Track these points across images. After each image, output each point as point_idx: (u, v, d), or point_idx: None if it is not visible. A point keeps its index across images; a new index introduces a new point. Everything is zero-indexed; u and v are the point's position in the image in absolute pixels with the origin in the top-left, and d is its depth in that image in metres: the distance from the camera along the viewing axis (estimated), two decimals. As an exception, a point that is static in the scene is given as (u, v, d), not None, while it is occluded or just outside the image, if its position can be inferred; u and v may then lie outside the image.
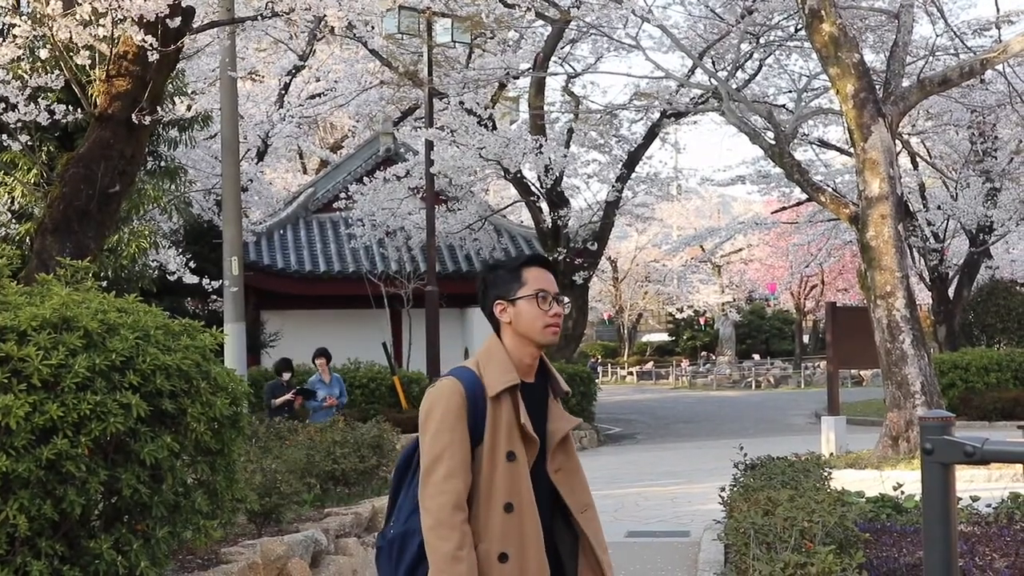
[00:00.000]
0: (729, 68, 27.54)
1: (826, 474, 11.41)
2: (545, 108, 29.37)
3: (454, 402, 3.92)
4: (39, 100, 12.94)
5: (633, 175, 30.57)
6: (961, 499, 9.05)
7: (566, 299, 4.22)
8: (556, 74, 30.26)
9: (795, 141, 22.98)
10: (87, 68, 11.79)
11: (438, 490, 3.83)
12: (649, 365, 69.74)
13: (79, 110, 12.48)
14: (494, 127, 28.29)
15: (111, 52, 11.49)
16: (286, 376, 18.15)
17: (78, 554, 6.30)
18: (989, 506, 10.12)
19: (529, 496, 3.96)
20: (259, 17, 12.26)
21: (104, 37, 11.14)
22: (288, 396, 17.45)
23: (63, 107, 12.63)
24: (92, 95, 11.69)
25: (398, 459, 4.27)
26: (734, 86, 24.99)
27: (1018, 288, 33.38)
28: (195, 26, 12.61)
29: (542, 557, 3.95)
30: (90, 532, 6.43)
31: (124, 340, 6.45)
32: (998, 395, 26.01)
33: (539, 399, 4.11)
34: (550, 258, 28.10)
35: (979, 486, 13.14)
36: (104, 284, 11.46)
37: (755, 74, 29.51)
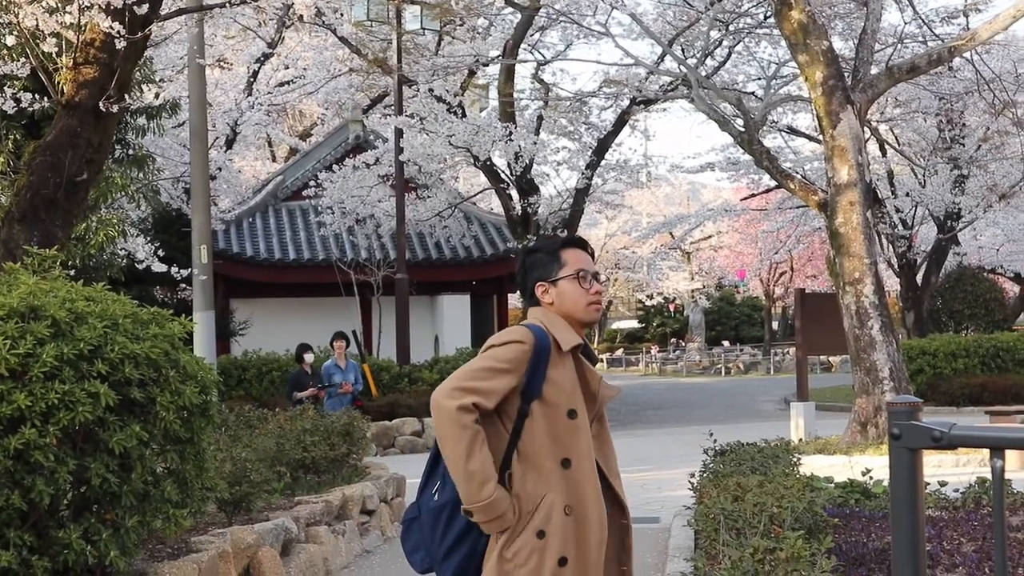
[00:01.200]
0: (698, 55, 27.52)
1: (795, 460, 11.47)
2: (515, 95, 29.33)
3: (524, 348, 3.95)
4: (5, 88, 12.86)
5: (603, 162, 30.58)
6: (929, 484, 9.12)
7: (604, 277, 4.25)
8: (526, 61, 30.22)
9: (764, 128, 23.03)
10: (54, 56, 11.70)
11: (456, 393, 3.85)
12: (619, 352, 69.90)
13: (46, 98, 12.39)
14: (464, 115, 28.25)
15: (78, 39, 11.41)
16: (309, 359, 17.68)
17: (47, 544, 6.28)
18: (957, 491, 10.19)
19: (589, 453, 4.00)
20: (228, 4, 12.17)
21: (71, 24, 11.06)
22: (312, 391, 17.07)
23: (29, 95, 12.54)
24: (59, 83, 11.61)
25: None
26: (703, 73, 25.00)
27: (985, 274, 33.57)
28: (163, 13, 12.52)
29: (602, 513, 3.99)
30: (59, 522, 6.41)
31: (92, 329, 6.43)
32: (966, 381, 26.17)
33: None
34: (520, 246, 28.17)
35: (947, 471, 13.23)
36: (72, 273, 11.43)
37: (724, 61, 29.55)
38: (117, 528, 6.57)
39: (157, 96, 13.46)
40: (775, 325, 68.15)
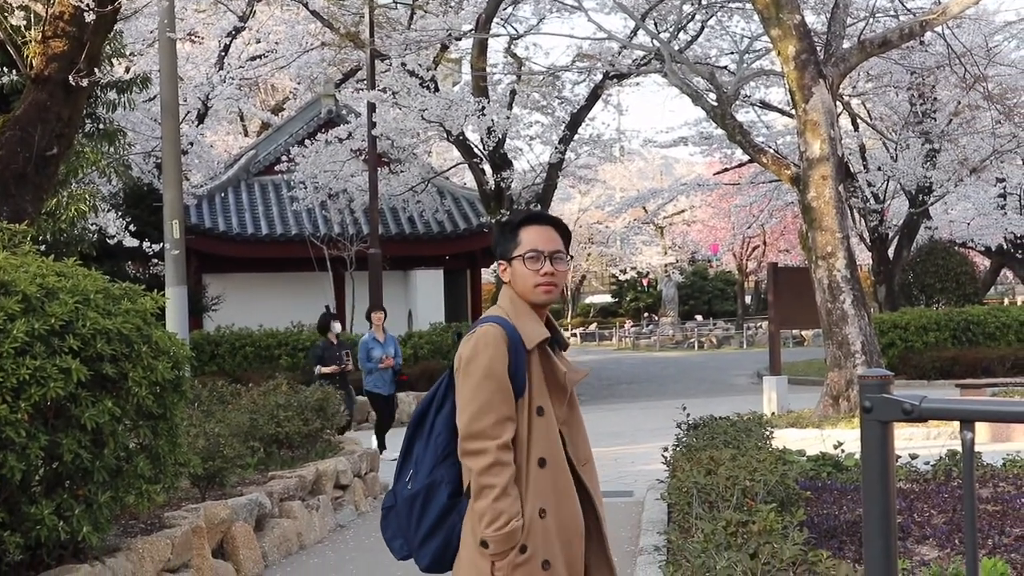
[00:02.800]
0: (671, 29, 27.51)
1: (768, 433, 11.53)
2: (487, 70, 29.24)
3: (501, 349, 3.87)
4: (-27, 62, 12.75)
5: (576, 137, 30.55)
6: (900, 457, 9.17)
7: (566, 256, 4.16)
8: (498, 35, 30.11)
9: (737, 103, 23.05)
10: (22, 29, 11.61)
11: (493, 434, 3.79)
12: (592, 326, 70.01)
13: (14, 72, 12.31)
14: (436, 89, 28.15)
15: (47, 12, 11.33)
16: (336, 329, 16.73)
17: (19, 520, 6.26)
18: (927, 464, 10.27)
19: (559, 450, 3.97)
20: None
21: (40, -3, 10.98)
22: (337, 367, 16.39)
23: (-2, 69, 12.46)
24: (28, 56, 11.53)
25: (413, 412, 4.20)
26: (676, 48, 24.98)
27: (956, 248, 33.75)
28: (133, -14, 12.45)
29: (576, 509, 3.98)
30: (31, 498, 6.39)
31: (63, 304, 6.40)
32: (937, 354, 26.34)
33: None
34: (494, 220, 28.17)
35: (918, 444, 13.30)
36: (42, 248, 11.37)
37: (697, 35, 29.51)
38: (90, 504, 6.56)
39: (128, 70, 13.39)
40: (748, 299, 68.39)
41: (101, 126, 18.90)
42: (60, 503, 6.40)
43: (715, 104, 18.40)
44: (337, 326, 16.44)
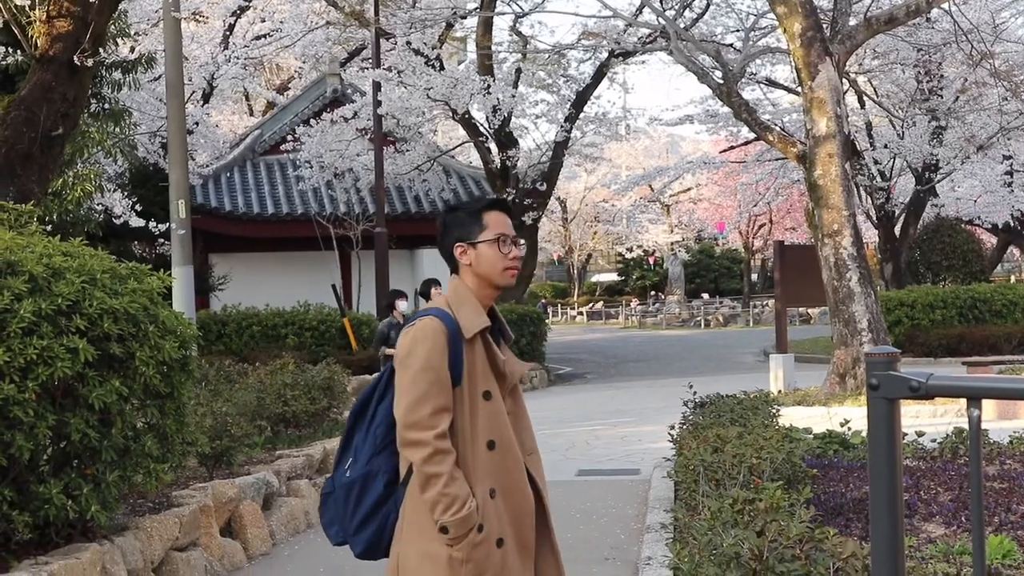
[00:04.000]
0: (677, 7, 27.45)
1: (774, 411, 11.53)
2: (493, 48, 29.20)
3: (439, 341, 3.93)
4: (-22, 42, 12.75)
5: (581, 115, 30.52)
6: (907, 435, 9.18)
7: (523, 241, 4.26)
8: (503, 13, 30.06)
9: (743, 80, 23.00)
10: (27, 9, 11.60)
11: (429, 424, 3.84)
12: (599, 305, 70.02)
13: (19, 52, 12.31)
14: (442, 68, 28.12)
15: (52, -8, 11.31)
16: (402, 307, 15.24)
17: (27, 499, 6.28)
18: (934, 441, 10.27)
19: (508, 432, 4.03)
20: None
21: (44, -23, 10.97)
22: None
23: (2, 49, 12.46)
24: (33, 37, 11.52)
25: (355, 402, 4.27)
26: (682, 25, 24.92)
27: (963, 226, 33.69)
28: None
29: (526, 489, 4.05)
30: (39, 477, 6.41)
31: (70, 284, 6.41)
32: (943, 332, 26.32)
33: (495, 342, 4.17)
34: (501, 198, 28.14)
35: (924, 422, 13.32)
36: (49, 228, 11.38)
37: (703, 13, 29.43)
38: (98, 483, 6.57)
39: (132, 50, 13.38)
40: (754, 277, 68.34)
41: (106, 106, 18.90)
42: (68, 482, 6.42)
43: (721, 82, 18.35)
44: (403, 304, 15.28)
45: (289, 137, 31.66)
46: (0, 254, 6.38)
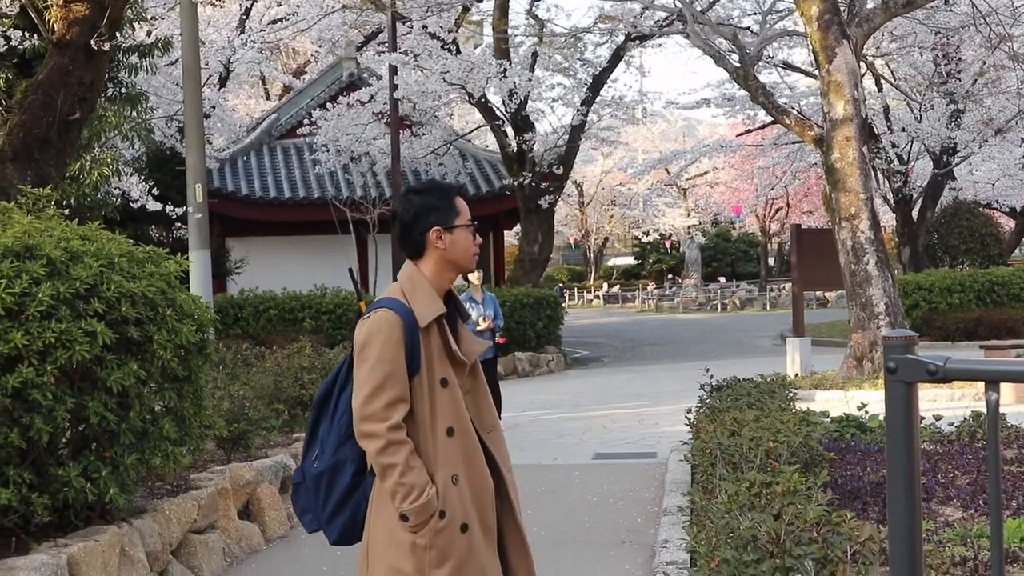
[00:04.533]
0: (694, -10, 27.37)
1: (791, 395, 11.54)
2: (509, 32, 29.15)
3: (395, 333, 3.97)
4: (-5, 26, 12.76)
5: (598, 99, 30.45)
6: (924, 418, 9.16)
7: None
8: (520, -3, 29.99)
9: (760, 64, 22.93)
10: (45, -7, 11.61)
11: (383, 416, 3.90)
12: (615, 289, 69.94)
13: (36, 36, 12.31)
14: (458, 51, 28.09)
15: (69, -24, 11.32)
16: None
17: (47, 482, 6.31)
18: (951, 425, 10.26)
19: (466, 417, 4.08)
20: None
21: (61, -39, 10.97)
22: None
23: (20, 33, 12.46)
24: (50, 21, 11.53)
25: (317, 394, 4.32)
26: (699, 8, 24.82)
27: (981, 209, 33.55)
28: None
29: (486, 474, 4.10)
30: (58, 460, 6.44)
31: (88, 268, 6.43)
32: (961, 315, 26.24)
33: (452, 325, 4.21)
34: (516, 183, 28.20)
35: (942, 406, 13.29)
36: (66, 212, 11.40)
37: (720, -4, 29.35)
38: (116, 466, 6.60)
39: (149, 34, 13.38)
40: (771, 261, 68.22)
41: (123, 90, 18.92)
42: (87, 465, 6.44)
43: (738, 65, 18.30)
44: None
45: (305, 121, 31.68)
46: (18, 238, 6.40)
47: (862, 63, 21.73)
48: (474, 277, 14.82)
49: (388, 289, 4.20)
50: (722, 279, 64.88)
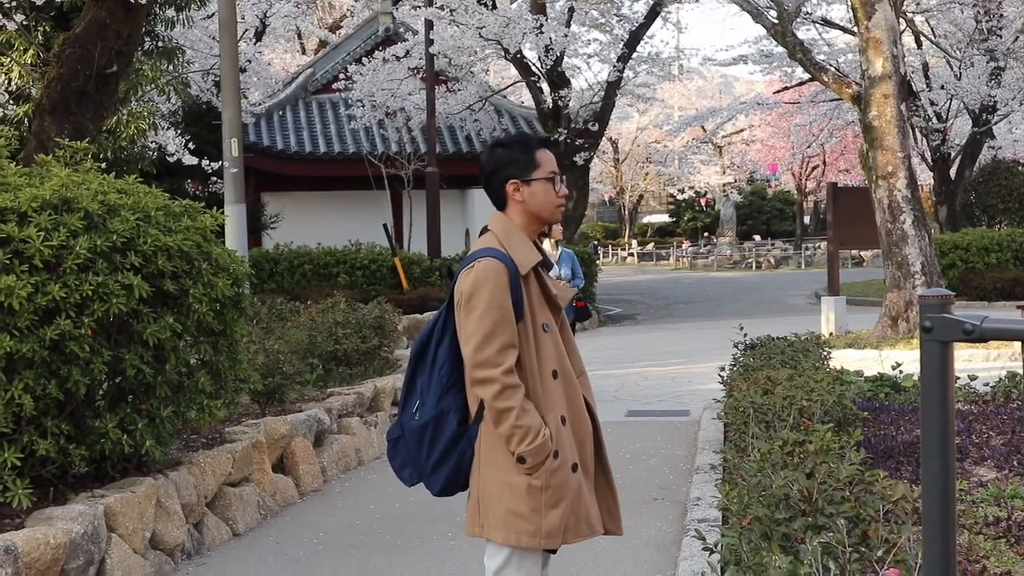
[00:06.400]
0: (732, -55, 27.12)
1: (825, 354, 11.49)
2: (546, -14, 29.01)
3: (501, 280, 4.03)
4: (34, -21, 12.78)
5: (634, 55, 30.28)
6: (959, 378, 9.13)
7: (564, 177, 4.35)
8: (557, -49, 29.82)
9: (798, 20, 22.72)
10: (82, -54, 11.62)
11: (496, 361, 3.95)
12: (650, 246, 69.80)
13: (74, -11, 12.31)
14: (494, 6, 27.97)
15: (106, -70, 11.31)
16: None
17: (84, 433, 6.37)
18: (987, 385, 10.21)
19: (567, 361, 4.18)
20: None
21: (98, -86, 10.97)
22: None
23: (58, -14, 12.47)
24: (87, -26, 11.54)
25: (413, 346, 4.35)
26: (737, -36, 24.62)
27: (1020, 168, 33.27)
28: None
29: (586, 416, 4.20)
30: (95, 412, 6.50)
31: (125, 221, 6.46)
32: (998, 275, 26.09)
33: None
34: (551, 138, 28.09)
35: (977, 365, 13.23)
36: (103, 166, 11.45)
37: (759, -49, 29.10)
38: (152, 418, 6.66)
39: (186, -12, 13.33)
40: (807, 219, 67.87)
41: (160, 44, 18.92)
42: (123, 417, 6.50)
43: (776, 21, 18.16)
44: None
45: (341, 76, 31.65)
46: (56, 191, 6.43)
47: (901, 20, 21.53)
48: (556, 231, 13.52)
49: (481, 240, 4.24)
50: (757, 237, 64.61)
